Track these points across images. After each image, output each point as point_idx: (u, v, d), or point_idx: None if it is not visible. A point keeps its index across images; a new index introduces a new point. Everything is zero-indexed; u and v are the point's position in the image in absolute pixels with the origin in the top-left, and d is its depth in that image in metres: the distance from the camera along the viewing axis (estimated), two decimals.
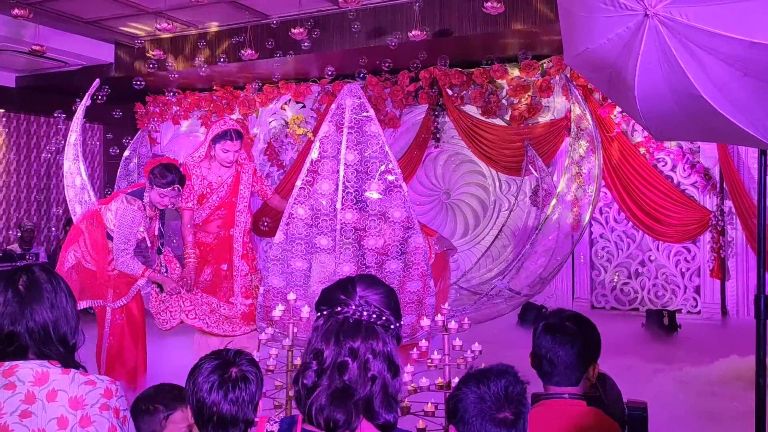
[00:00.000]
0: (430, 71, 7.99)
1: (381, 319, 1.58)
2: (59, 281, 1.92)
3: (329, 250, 4.33)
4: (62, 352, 1.85)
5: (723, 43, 1.81)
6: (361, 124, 4.17)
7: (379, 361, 1.55)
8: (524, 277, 6.66)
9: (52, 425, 1.72)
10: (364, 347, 1.54)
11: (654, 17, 1.88)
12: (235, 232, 5.12)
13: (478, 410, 1.68)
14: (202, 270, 5.08)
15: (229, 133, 4.99)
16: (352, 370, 1.52)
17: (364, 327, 1.56)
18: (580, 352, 2.20)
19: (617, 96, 2.31)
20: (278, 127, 9.12)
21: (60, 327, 1.85)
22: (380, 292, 1.62)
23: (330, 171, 4.19)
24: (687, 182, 7.28)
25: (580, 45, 2.17)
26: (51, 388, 1.77)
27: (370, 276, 1.69)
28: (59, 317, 1.85)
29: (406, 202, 4.23)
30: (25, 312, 1.81)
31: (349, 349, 1.53)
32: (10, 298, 1.82)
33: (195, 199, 5.07)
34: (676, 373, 5.24)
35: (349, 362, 1.53)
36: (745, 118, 1.95)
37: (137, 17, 7.48)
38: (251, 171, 5.28)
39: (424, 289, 4.52)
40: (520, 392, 1.72)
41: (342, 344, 1.54)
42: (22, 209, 9.60)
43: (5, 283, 1.85)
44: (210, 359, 1.97)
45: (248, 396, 1.93)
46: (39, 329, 1.82)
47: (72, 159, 5.45)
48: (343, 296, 1.59)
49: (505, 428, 1.67)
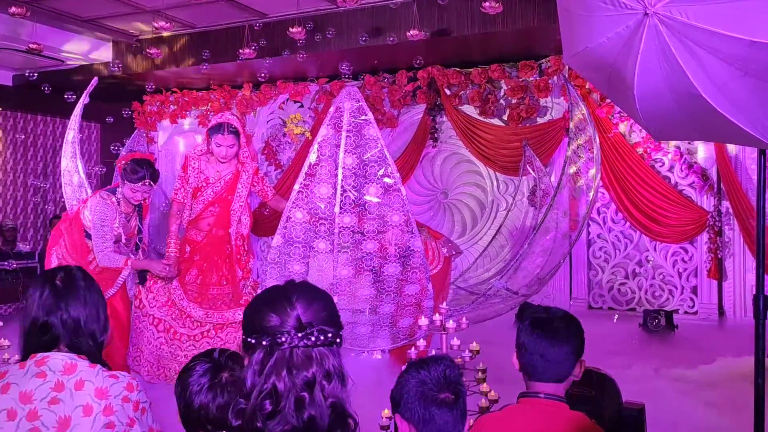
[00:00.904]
0: (428, 71, 7.99)
1: (328, 339, 1.41)
2: (93, 282, 2.09)
3: (327, 254, 4.33)
4: (91, 346, 2.01)
5: (723, 42, 1.80)
6: (360, 127, 4.17)
7: (334, 382, 1.42)
8: (522, 277, 6.66)
9: (78, 412, 1.86)
10: (319, 374, 1.39)
11: (654, 16, 1.88)
12: (231, 231, 4.98)
13: (420, 393, 1.76)
14: (188, 270, 4.96)
15: (222, 127, 4.86)
16: (311, 402, 1.38)
17: (315, 356, 1.40)
18: (569, 349, 2.20)
19: (616, 95, 2.30)
20: (276, 127, 9.12)
21: (90, 323, 2.02)
22: (322, 306, 1.45)
23: (328, 174, 4.19)
24: (684, 183, 7.29)
25: (579, 44, 2.17)
26: (78, 378, 1.91)
27: (305, 287, 1.48)
28: (90, 314, 2.02)
29: (404, 205, 4.23)
30: (60, 305, 1.98)
31: (304, 381, 1.38)
32: (48, 292, 1.99)
33: (188, 192, 4.97)
34: (673, 373, 5.24)
35: (306, 397, 1.38)
36: (745, 118, 1.95)
37: (135, 16, 7.47)
38: (252, 170, 5.11)
39: (422, 292, 4.52)
40: (457, 376, 1.82)
41: (295, 378, 1.37)
42: (18, 208, 9.57)
43: (44, 279, 2.04)
44: (202, 361, 1.93)
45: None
46: (72, 322, 1.98)
47: (70, 156, 5.44)
48: (279, 318, 1.39)
49: (446, 408, 1.76)
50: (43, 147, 9.95)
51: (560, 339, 2.19)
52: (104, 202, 4.58)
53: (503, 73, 7.77)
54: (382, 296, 4.46)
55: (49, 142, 9.99)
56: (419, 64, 7.26)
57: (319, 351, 1.39)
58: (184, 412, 1.89)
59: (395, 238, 4.34)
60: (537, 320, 2.22)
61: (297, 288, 1.45)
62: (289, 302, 1.40)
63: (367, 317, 4.65)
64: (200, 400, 1.85)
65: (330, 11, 7.23)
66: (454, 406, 1.77)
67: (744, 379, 4.90)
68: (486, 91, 7.92)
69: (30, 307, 2.01)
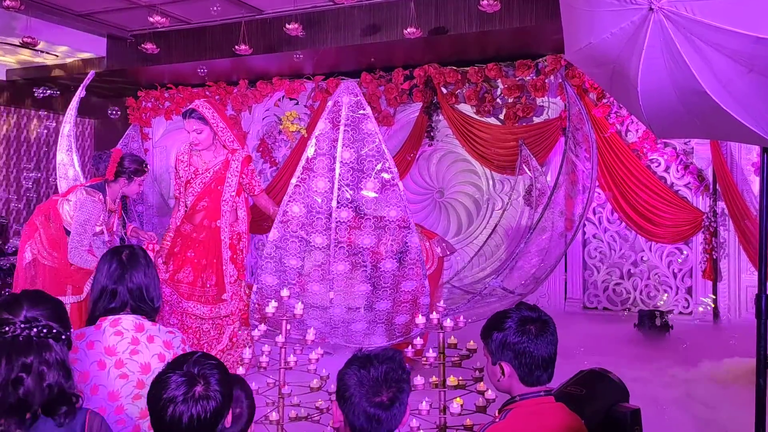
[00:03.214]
0: (425, 69, 7.97)
1: (52, 332, 1.77)
2: (150, 259, 2.61)
3: (323, 249, 4.30)
4: (151, 309, 2.53)
5: (728, 39, 1.79)
6: (358, 121, 4.14)
7: (54, 371, 1.75)
8: (517, 276, 6.65)
9: (154, 359, 2.41)
10: (37, 361, 1.73)
11: (659, 11, 1.86)
12: (221, 224, 4.87)
13: (357, 393, 1.86)
14: (182, 267, 4.88)
15: (187, 112, 4.86)
16: (27, 383, 1.70)
17: (36, 343, 1.75)
18: (556, 347, 2.21)
19: (619, 92, 2.28)
20: (271, 124, 9.08)
21: (150, 290, 2.53)
22: (48, 308, 1.82)
23: (325, 169, 4.16)
24: (680, 183, 7.29)
25: (583, 40, 2.15)
26: (148, 334, 2.46)
27: (35, 293, 1.87)
28: (150, 283, 2.54)
29: (401, 201, 4.20)
30: (125, 276, 2.49)
31: (22, 364, 1.71)
32: (116, 265, 2.50)
33: (181, 186, 4.98)
34: (667, 373, 5.25)
35: (24, 377, 1.70)
36: (749, 115, 1.93)
37: (130, 11, 7.41)
38: (242, 159, 4.93)
39: (419, 288, 4.50)
40: (401, 377, 1.89)
41: (14, 361, 1.71)
42: (11, 203, 9.50)
43: (111, 254, 2.55)
44: (175, 372, 1.83)
45: (211, 416, 1.80)
46: (136, 289, 2.49)
47: (65, 150, 5.39)
48: (9, 315, 1.76)
49: (381, 410, 1.85)
50: (36, 142, 9.88)
51: (552, 335, 2.20)
52: (92, 200, 4.44)
53: (500, 71, 7.75)
54: (378, 292, 4.44)
55: (42, 137, 9.92)
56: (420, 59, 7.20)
57: (41, 342, 1.75)
58: (156, 422, 1.83)
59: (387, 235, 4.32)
60: (528, 318, 2.21)
61: (29, 293, 1.85)
62: (18, 302, 1.79)
63: (363, 314, 4.62)
64: (170, 413, 1.78)
65: (327, 8, 7.20)
66: (387, 410, 1.85)
67: (739, 379, 4.92)
68: (483, 90, 7.90)
69: (99, 277, 2.51)
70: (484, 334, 2.26)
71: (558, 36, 2.46)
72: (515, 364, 2.17)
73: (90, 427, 1.87)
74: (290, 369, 3.38)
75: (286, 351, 3.38)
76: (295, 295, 4.20)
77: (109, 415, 2.29)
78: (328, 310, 4.49)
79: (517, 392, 2.19)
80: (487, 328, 2.24)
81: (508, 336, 2.17)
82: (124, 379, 2.36)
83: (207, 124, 4.83)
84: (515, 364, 2.17)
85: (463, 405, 3.11)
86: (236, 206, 5.00)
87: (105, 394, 2.33)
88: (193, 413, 1.77)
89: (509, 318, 2.20)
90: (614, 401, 2.71)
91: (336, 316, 4.53)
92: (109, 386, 2.34)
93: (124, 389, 2.35)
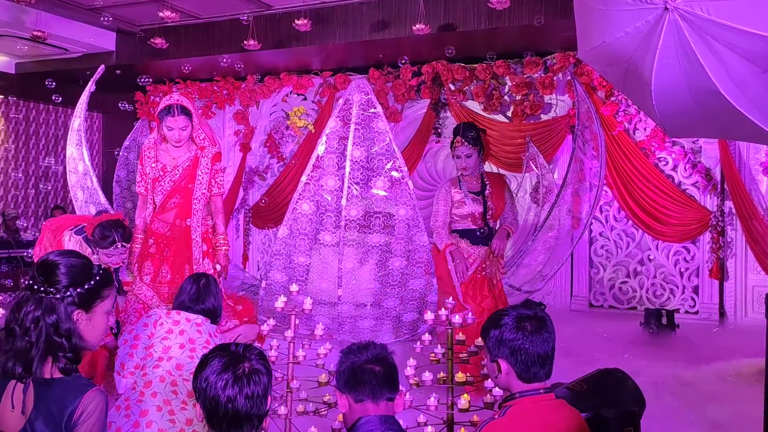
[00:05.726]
0: (433, 66, 7.96)
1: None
2: (218, 285, 3.55)
3: (332, 246, 4.32)
4: (214, 317, 3.38)
5: (744, 39, 1.79)
6: (369, 120, 4.14)
7: (51, 325, 2.03)
8: (524, 273, 6.65)
9: (202, 343, 3.16)
10: (43, 316, 2.02)
11: (674, 11, 1.86)
12: (192, 222, 4.62)
13: (351, 370, 2.24)
14: (160, 267, 4.66)
15: (172, 108, 4.51)
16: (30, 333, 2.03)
17: (46, 304, 2.03)
18: (553, 345, 2.22)
19: (632, 91, 2.29)
20: (279, 119, 9.09)
21: (218, 310, 3.43)
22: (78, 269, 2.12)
23: (336, 167, 4.17)
24: (688, 182, 7.28)
25: (597, 38, 2.15)
26: (198, 327, 3.25)
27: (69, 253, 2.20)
28: (218, 305, 3.42)
29: (411, 199, 4.21)
30: (201, 298, 3.37)
31: (32, 318, 2.02)
32: (195, 290, 3.37)
33: (148, 183, 4.67)
34: (673, 372, 5.24)
35: (31, 328, 2.02)
36: (763, 115, 1.93)
37: (139, 5, 7.43)
38: (211, 155, 4.67)
39: (426, 286, 4.51)
40: (388, 361, 2.28)
41: (24, 315, 2.02)
42: (20, 196, 9.55)
43: (193, 279, 3.43)
44: (218, 356, 1.95)
45: (261, 390, 1.92)
46: (209, 310, 3.35)
47: (75, 144, 5.41)
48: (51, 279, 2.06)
49: (374, 376, 2.22)
50: (45, 135, 9.92)
51: (550, 332, 2.21)
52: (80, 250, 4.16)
53: (508, 69, 7.74)
54: (386, 290, 4.45)
55: (51, 130, 9.96)
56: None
57: (50, 303, 2.02)
58: (210, 408, 1.91)
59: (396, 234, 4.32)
60: (525, 316, 2.22)
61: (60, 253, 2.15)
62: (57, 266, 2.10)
63: (370, 311, 4.64)
64: (227, 395, 1.88)
65: (335, 4, 7.20)
66: (382, 375, 2.20)
67: (744, 378, 4.92)
68: (490, 87, 7.89)
69: (181, 295, 3.36)
70: (483, 332, 2.29)
71: (567, 33, 2.46)
72: (511, 360, 2.19)
73: (84, 407, 1.95)
74: (298, 363, 3.40)
75: (294, 345, 3.40)
76: (303, 292, 4.21)
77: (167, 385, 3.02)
78: (336, 307, 4.51)
79: (516, 389, 2.21)
80: (486, 326, 2.27)
81: (504, 333, 2.19)
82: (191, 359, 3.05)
83: (191, 119, 4.62)
84: (512, 361, 2.19)
85: (470, 401, 3.13)
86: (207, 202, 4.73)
87: (173, 364, 3.02)
88: (246, 392, 1.90)
89: (506, 315, 2.23)
90: (613, 401, 2.71)
91: (344, 312, 4.55)
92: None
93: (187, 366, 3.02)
